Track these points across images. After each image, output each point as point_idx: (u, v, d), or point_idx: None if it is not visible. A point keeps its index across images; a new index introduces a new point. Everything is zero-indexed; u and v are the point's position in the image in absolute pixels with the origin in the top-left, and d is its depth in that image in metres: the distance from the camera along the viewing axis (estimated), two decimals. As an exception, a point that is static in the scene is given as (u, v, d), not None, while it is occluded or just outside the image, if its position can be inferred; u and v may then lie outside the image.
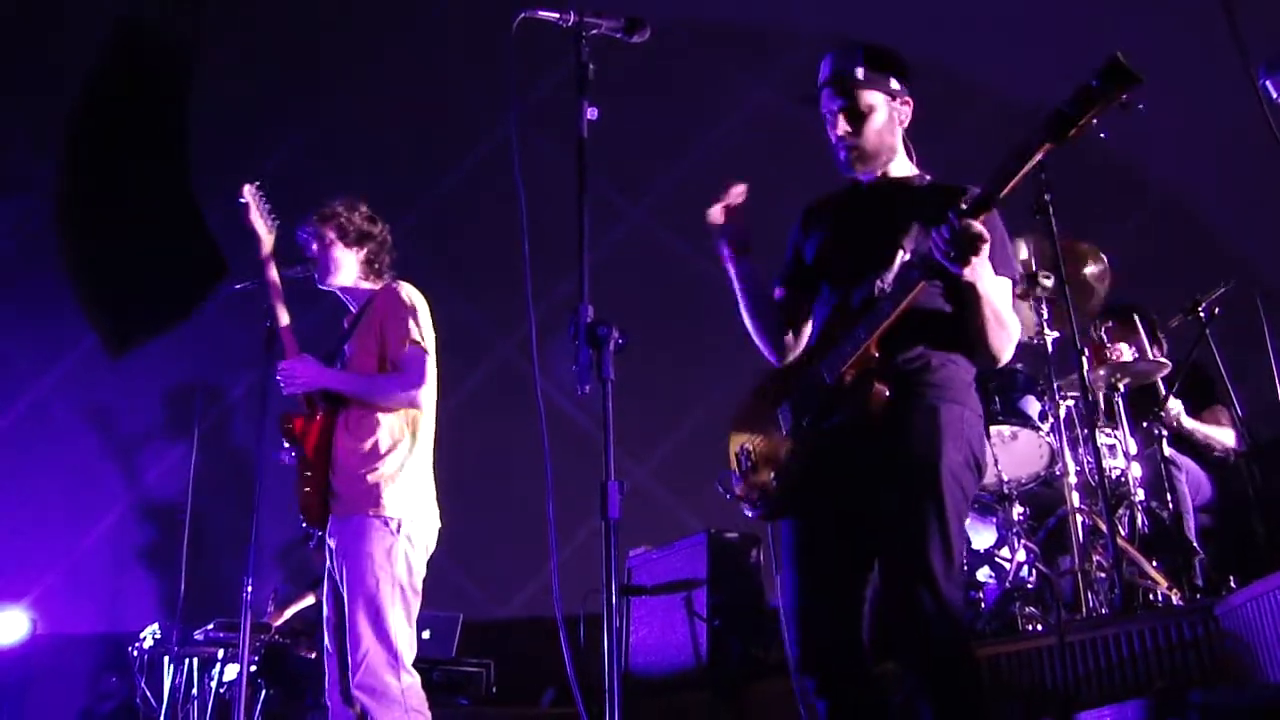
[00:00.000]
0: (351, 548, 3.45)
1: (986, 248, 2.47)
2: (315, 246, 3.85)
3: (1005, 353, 2.69)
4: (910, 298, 2.57)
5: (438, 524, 3.65)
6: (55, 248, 7.89)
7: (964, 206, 2.45)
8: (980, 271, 2.52)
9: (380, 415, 3.60)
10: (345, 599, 3.43)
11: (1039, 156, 2.37)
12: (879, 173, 2.89)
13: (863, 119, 2.82)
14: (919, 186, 2.89)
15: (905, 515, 2.56)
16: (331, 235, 3.83)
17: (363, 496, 3.49)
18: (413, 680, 3.40)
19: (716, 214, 2.94)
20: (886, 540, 2.59)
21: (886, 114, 2.84)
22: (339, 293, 3.91)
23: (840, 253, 2.86)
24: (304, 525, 3.60)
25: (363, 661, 3.34)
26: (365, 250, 3.85)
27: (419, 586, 3.52)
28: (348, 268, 3.84)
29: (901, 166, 2.92)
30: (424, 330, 3.67)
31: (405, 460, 3.58)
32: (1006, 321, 2.64)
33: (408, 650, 3.42)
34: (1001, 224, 2.75)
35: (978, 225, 2.44)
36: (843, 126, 2.82)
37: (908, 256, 2.62)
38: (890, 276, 2.63)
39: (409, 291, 3.75)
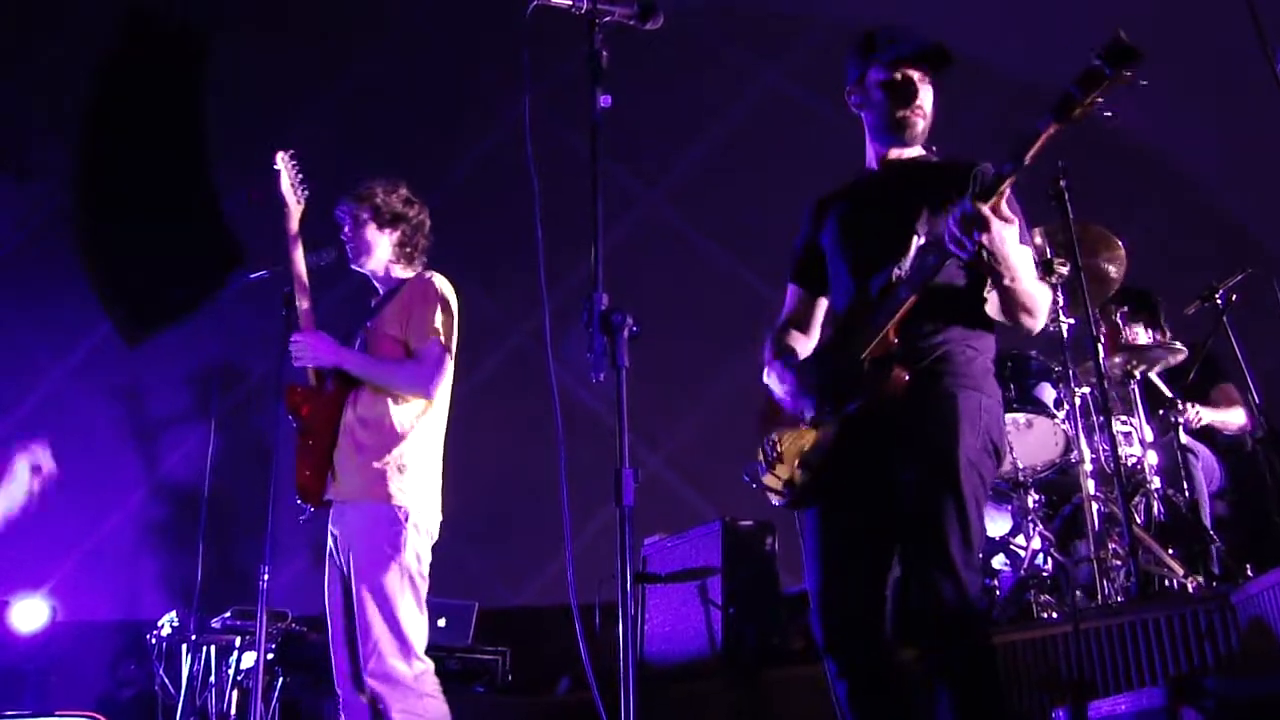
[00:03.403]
0: (358, 536, 3.46)
1: (1007, 228, 2.46)
2: (349, 226, 3.82)
3: (1036, 327, 2.72)
4: (924, 283, 2.57)
5: (439, 515, 3.65)
6: (71, 235, 7.93)
7: (975, 191, 2.45)
8: (1004, 252, 2.49)
9: (392, 401, 3.58)
10: (352, 587, 3.44)
11: (1047, 137, 2.37)
12: (892, 154, 2.91)
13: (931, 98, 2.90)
14: (929, 166, 2.90)
15: (924, 503, 2.56)
16: (366, 215, 3.80)
17: (370, 483, 3.48)
18: (425, 666, 3.40)
19: None
20: (906, 528, 2.59)
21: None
22: (369, 275, 3.89)
23: (856, 241, 2.87)
24: (297, 500, 3.60)
25: (374, 650, 3.34)
26: (399, 232, 3.82)
27: (426, 573, 3.52)
28: (380, 250, 3.81)
29: (914, 148, 2.94)
30: (449, 325, 3.65)
31: (415, 449, 3.56)
32: (1036, 299, 2.65)
33: (418, 637, 3.42)
34: (1012, 195, 2.76)
35: (985, 209, 2.43)
36: (924, 98, 2.87)
37: (922, 240, 2.61)
38: (907, 262, 2.63)
39: (441, 283, 3.72)
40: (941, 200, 2.53)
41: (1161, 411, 4.95)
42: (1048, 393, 4.88)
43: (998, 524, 4.99)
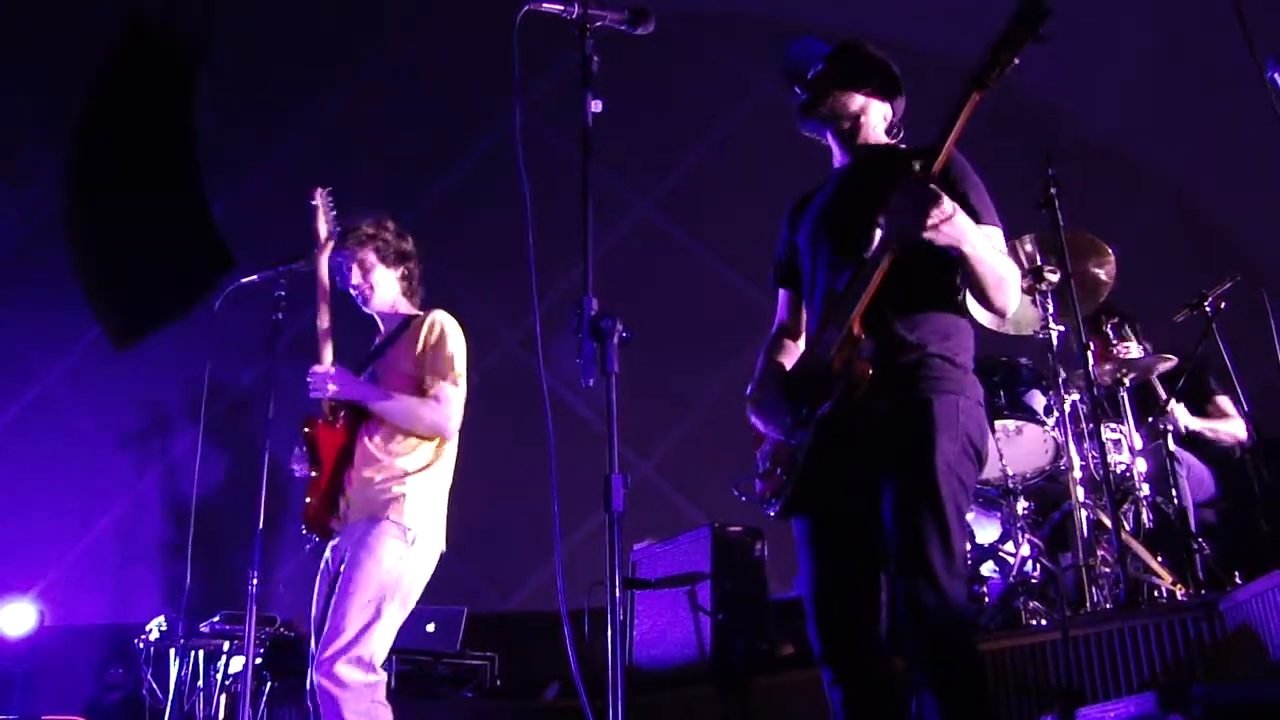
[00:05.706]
0: (364, 547, 3.47)
1: (947, 205, 2.46)
2: (356, 272, 3.81)
3: (1010, 305, 2.67)
4: (880, 274, 2.55)
5: (443, 546, 3.67)
6: (64, 239, 7.91)
7: (909, 176, 2.47)
8: (958, 230, 2.49)
9: (407, 438, 3.62)
10: (339, 589, 3.44)
11: (971, 107, 2.45)
12: (846, 142, 2.93)
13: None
14: (891, 155, 2.90)
15: (902, 511, 2.55)
16: (372, 259, 3.81)
17: (383, 505, 3.52)
18: (379, 679, 3.41)
19: None
20: (887, 536, 2.58)
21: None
22: (376, 314, 3.90)
23: (825, 238, 2.85)
24: (303, 530, 3.61)
25: (339, 652, 3.34)
26: (404, 268, 3.86)
27: (412, 602, 3.55)
28: (389, 289, 3.84)
29: (877, 137, 2.94)
30: (463, 362, 3.68)
31: (427, 484, 3.61)
32: (1003, 275, 2.61)
33: (381, 653, 3.44)
34: (975, 172, 2.76)
35: (929, 188, 2.44)
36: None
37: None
38: (869, 255, 2.62)
39: (450, 322, 3.74)
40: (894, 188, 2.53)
41: (1151, 419, 4.96)
42: (1037, 400, 4.89)
43: (987, 531, 4.99)
